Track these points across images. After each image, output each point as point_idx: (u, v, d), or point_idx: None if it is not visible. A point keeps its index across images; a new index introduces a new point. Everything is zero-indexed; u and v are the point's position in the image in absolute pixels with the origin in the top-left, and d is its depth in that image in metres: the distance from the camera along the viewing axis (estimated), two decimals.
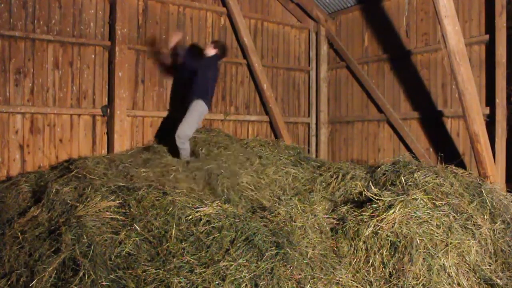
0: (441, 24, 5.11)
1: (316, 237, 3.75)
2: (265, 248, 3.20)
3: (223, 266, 3.06)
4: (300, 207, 4.03)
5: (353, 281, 3.41)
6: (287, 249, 3.25)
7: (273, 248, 3.23)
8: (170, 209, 3.78)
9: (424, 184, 4.15)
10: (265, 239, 3.31)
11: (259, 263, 3.07)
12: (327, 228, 3.94)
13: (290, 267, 3.09)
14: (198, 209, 3.73)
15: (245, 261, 3.08)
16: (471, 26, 6.21)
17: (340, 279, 3.30)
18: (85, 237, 3.38)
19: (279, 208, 3.92)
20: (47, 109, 5.82)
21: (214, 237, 3.37)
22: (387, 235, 3.62)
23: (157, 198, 3.93)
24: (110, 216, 3.71)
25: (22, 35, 5.64)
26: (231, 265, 3.06)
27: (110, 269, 3.14)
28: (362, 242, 3.69)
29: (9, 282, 3.25)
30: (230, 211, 3.69)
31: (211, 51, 5.97)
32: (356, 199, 4.34)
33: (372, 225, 3.69)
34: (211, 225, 3.51)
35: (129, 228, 3.60)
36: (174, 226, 3.57)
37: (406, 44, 7.06)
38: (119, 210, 3.82)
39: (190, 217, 3.64)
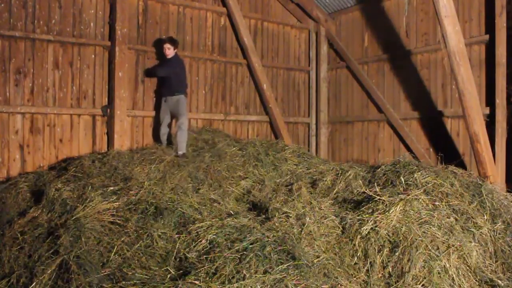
0: (441, 24, 5.11)
1: (321, 242, 3.74)
2: (274, 259, 3.16)
3: (230, 277, 3.02)
4: (302, 208, 4.03)
5: (355, 283, 3.41)
6: (297, 259, 3.20)
7: (283, 258, 3.18)
8: (173, 220, 3.79)
9: (424, 184, 4.15)
10: (274, 249, 3.25)
11: (268, 274, 3.01)
12: (329, 229, 3.93)
13: (300, 277, 3.04)
14: (204, 220, 3.72)
15: (254, 272, 3.03)
16: (471, 26, 6.20)
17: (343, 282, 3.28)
18: (83, 239, 3.38)
19: (282, 211, 3.92)
20: (47, 109, 5.81)
21: (220, 250, 3.31)
22: (387, 234, 3.62)
23: (160, 210, 3.93)
24: (108, 220, 3.71)
25: (22, 35, 5.64)
26: (240, 277, 3.01)
27: (102, 278, 3.11)
28: (363, 241, 3.69)
29: (9, 283, 3.25)
30: (236, 221, 3.68)
31: (171, 52, 6.18)
32: (356, 199, 4.33)
33: (373, 225, 3.69)
34: (217, 236, 3.49)
35: (127, 236, 3.59)
36: (178, 239, 3.56)
37: (406, 44, 7.06)
38: (118, 214, 3.82)
39: (196, 226, 3.64)
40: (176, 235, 3.65)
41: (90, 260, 3.24)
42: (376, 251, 3.60)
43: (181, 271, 3.23)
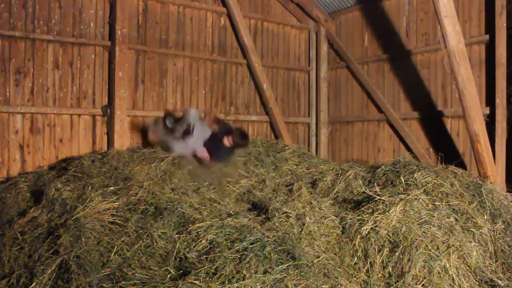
0: (441, 24, 5.11)
1: (321, 242, 3.74)
2: (274, 259, 3.16)
3: (230, 277, 3.02)
4: (303, 208, 4.03)
5: (355, 283, 3.41)
6: (297, 259, 3.20)
7: (283, 258, 3.18)
8: (173, 220, 3.78)
9: (424, 184, 4.15)
10: (274, 249, 3.25)
11: (269, 274, 3.00)
12: (329, 229, 3.93)
13: (300, 277, 3.04)
14: (204, 220, 3.72)
15: (254, 272, 3.03)
16: (471, 26, 6.20)
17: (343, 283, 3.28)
18: (83, 239, 3.37)
19: (282, 211, 3.92)
20: (47, 109, 5.82)
21: (220, 250, 3.31)
22: (387, 234, 3.62)
23: (160, 210, 3.92)
24: (108, 220, 3.71)
25: (22, 35, 5.64)
26: (240, 277, 3.01)
27: (102, 278, 3.11)
28: (363, 241, 3.69)
29: (9, 283, 3.25)
30: (236, 221, 3.68)
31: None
32: (356, 199, 4.33)
33: (373, 225, 3.69)
34: (217, 236, 3.49)
35: (127, 236, 3.58)
36: (178, 239, 3.56)
37: (406, 44, 7.06)
38: (118, 214, 3.81)
39: (196, 226, 3.64)
40: (176, 235, 3.65)
41: (90, 260, 3.24)
42: (376, 251, 3.60)
43: (181, 271, 3.23)
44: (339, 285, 3.17)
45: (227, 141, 5.46)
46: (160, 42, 6.76)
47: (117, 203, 3.95)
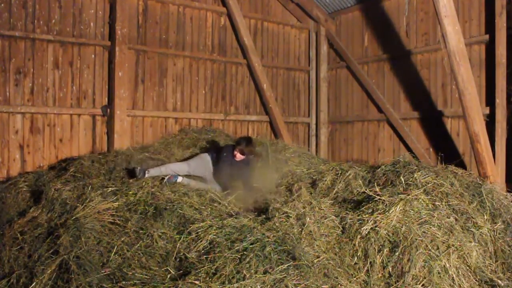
0: (441, 24, 5.11)
1: (321, 242, 3.74)
2: (275, 259, 3.16)
3: (231, 277, 3.02)
4: (303, 208, 4.03)
5: (355, 283, 3.41)
6: (297, 259, 3.20)
7: (283, 258, 3.18)
8: (173, 221, 3.78)
9: (424, 184, 4.15)
10: (274, 249, 3.25)
11: (269, 274, 3.00)
12: (329, 229, 3.93)
13: (300, 277, 3.04)
14: (204, 220, 3.72)
15: (254, 272, 3.03)
16: (471, 26, 6.20)
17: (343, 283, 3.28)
18: (83, 239, 3.37)
19: (282, 211, 3.92)
20: (47, 109, 5.81)
21: (220, 250, 3.31)
22: (387, 234, 3.62)
23: (160, 210, 3.92)
24: (108, 220, 3.71)
25: (22, 35, 5.64)
26: (240, 277, 3.01)
27: (102, 278, 3.10)
28: (363, 241, 3.69)
29: (9, 283, 3.25)
30: (236, 221, 3.68)
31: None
32: (356, 199, 4.33)
33: (373, 225, 3.69)
34: (217, 236, 3.49)
35: (127, 236, 3.58)
36: (178, 239, 3.55)
37: (406, 44, 7.06)
38: (117, 214, 3.81)
39: (196, 226, 3.64)
40: (176, 235, 3.65)
41: (90, 260, 3.24)
42: (376, 251, 3.60)
43: (181, 271, 3.23)
44: (339, 285, 3.18)
45: (239, 155, 4.97)
46: (160, 42, 6.76)
47: (116, 203, 3.95)
